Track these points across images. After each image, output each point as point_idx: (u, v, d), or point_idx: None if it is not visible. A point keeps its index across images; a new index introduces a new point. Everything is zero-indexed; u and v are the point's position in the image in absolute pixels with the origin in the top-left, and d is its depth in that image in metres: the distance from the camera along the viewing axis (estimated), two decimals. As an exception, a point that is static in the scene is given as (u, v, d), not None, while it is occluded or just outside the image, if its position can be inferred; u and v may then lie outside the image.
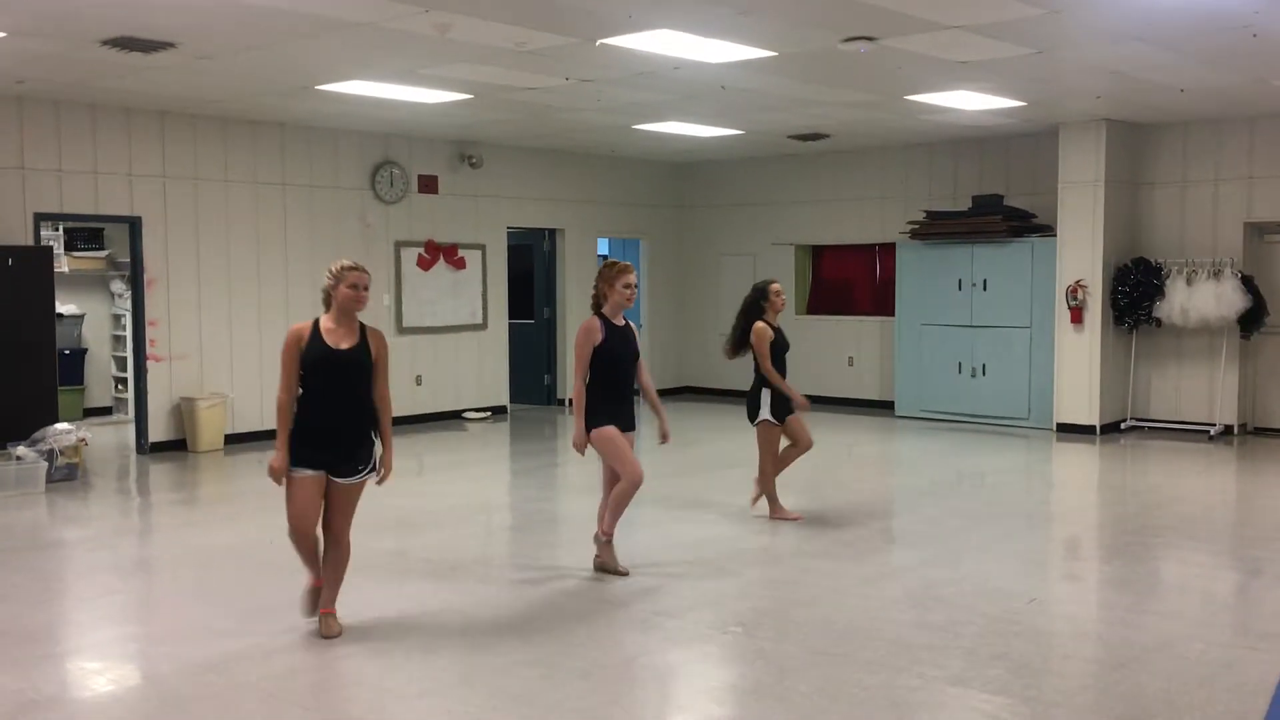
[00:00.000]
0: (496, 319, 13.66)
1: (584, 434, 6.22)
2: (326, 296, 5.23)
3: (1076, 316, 11.80)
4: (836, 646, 5.17)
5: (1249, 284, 11.25)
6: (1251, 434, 11.72)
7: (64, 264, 12.72)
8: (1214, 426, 11.60)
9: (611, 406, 6.26)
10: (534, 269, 14.53)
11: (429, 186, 12.88)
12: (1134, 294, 11.67)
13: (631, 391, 6.38)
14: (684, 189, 15.67)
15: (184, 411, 10.95)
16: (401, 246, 12.66)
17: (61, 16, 7.13)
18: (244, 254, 11.40)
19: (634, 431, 6.40)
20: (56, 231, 12.67)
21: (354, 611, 5.48)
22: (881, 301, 14.13)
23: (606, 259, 8.62)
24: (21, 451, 8.95)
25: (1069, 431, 11.89)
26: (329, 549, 5.32)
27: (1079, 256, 11.80)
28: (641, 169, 15.14)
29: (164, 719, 4.47)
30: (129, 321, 11.98)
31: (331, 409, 5.17)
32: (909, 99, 10.23)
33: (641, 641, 5.36)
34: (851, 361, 14.25)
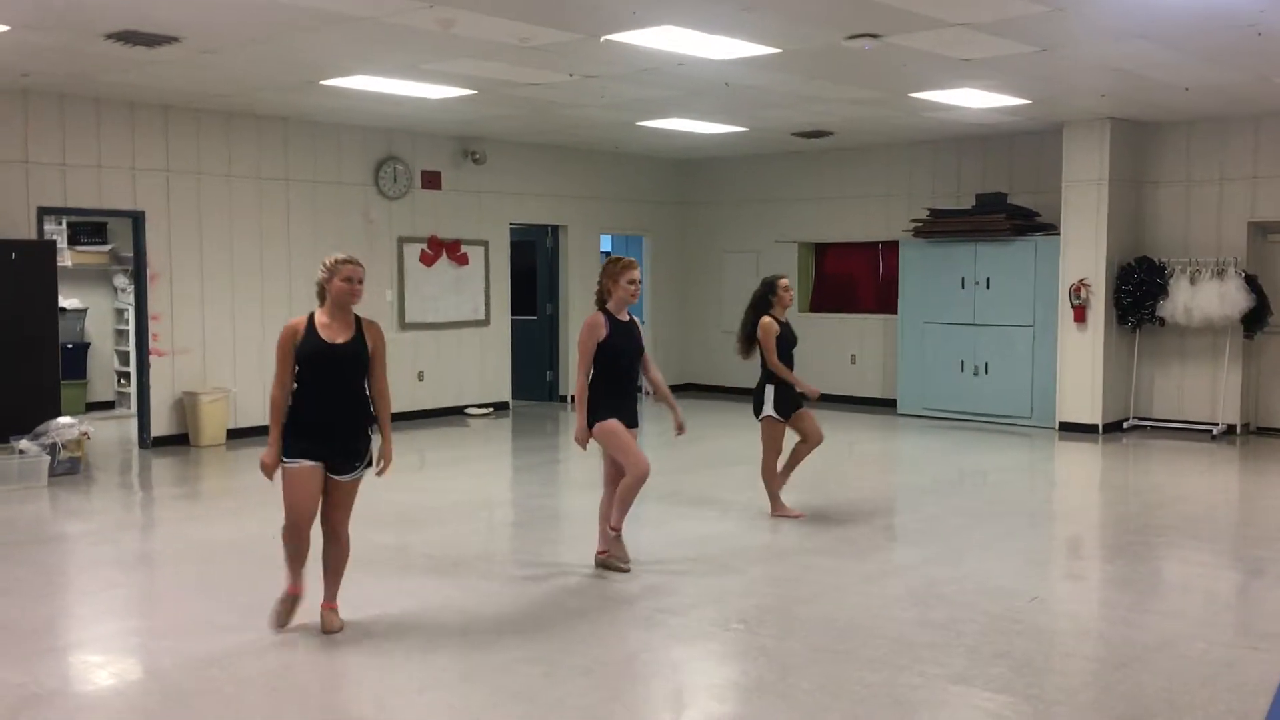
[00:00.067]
0: (499, 315, 13.66)
1: (585, 429, 6.22)
2: (321, 290, 5.20)
3: (1080, 315, 11.78)
4: (838, 644, 5.17)
5: (1253, 283, 11.23)
6: (1254, 434, 11.70)
7: (67, 258, 12.71)
8: (1217, 426, 11.59)
9: (615, 401, 6.25)
10: (537, 265, 14.53)
11: (432, 182, 12.88)
12: (1137, 293, 11.65)
13: (635, 388, 6.37)
14: (687, 186, 15.65)
15: (186, 406, 10.96)
16: (404, 242, 12.66)
17: (66, 10, 7.14)
18: (247, 249, 11.40)
19: (638, 429, 6.38)
20: (60, 225, 12.66)
21: (355, 607, 5.47)
22: (884, 299, 14.12)
23: (610, 255, 8.61)
24: (24, 445, 8.95)
25: (1071, 430, 11.87)
26: (328, 545, 5.31)
27: (1082, 255, 11.78)
28: (645, 165, 15.13)
29: (166, 713, 4.47)
30: (132, 316, 11.99)
31: (327, 403, 5.16)
32: (913, 96, 10.22)
33: (644, 638, 5.36)
34: (854, 359, 14.23)
